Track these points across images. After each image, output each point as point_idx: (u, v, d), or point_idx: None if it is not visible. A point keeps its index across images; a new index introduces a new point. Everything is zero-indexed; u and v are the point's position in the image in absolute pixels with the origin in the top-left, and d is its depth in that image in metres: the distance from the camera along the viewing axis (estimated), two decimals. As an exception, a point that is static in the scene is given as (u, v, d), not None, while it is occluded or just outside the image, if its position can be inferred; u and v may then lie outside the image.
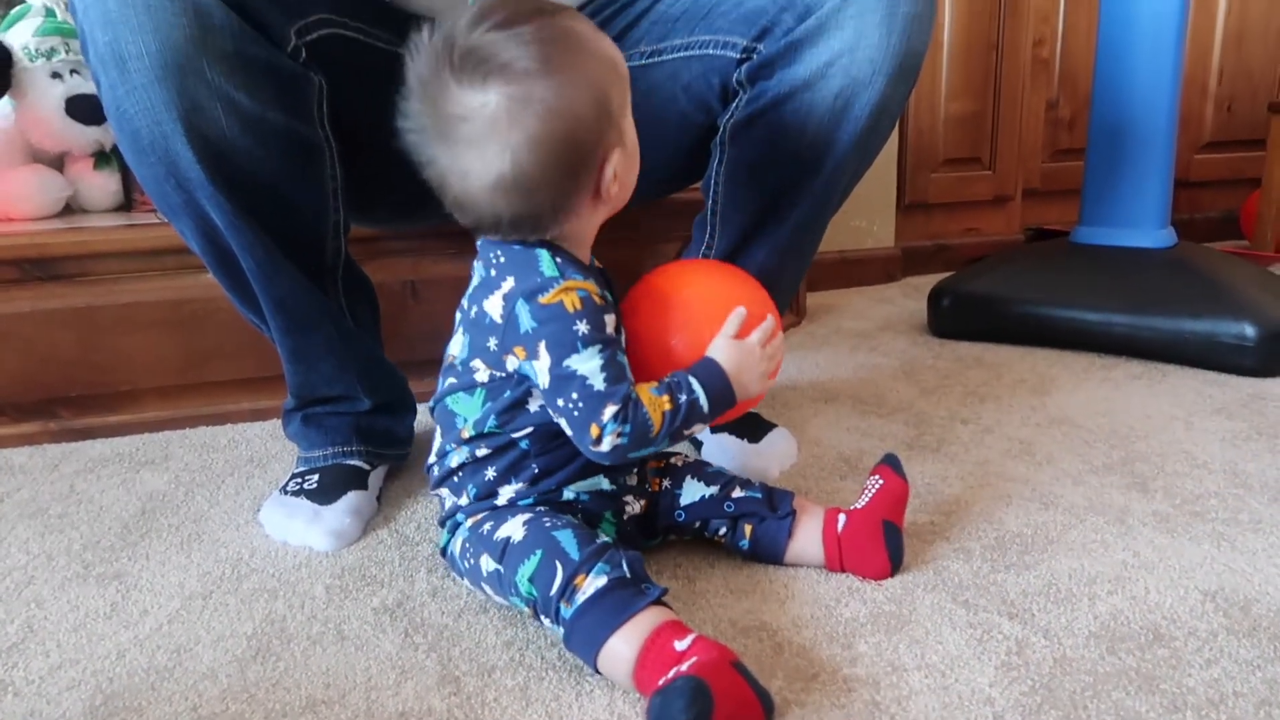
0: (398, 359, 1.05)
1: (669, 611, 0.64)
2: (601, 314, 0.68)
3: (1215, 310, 1.29)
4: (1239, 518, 0.86)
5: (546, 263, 0.68)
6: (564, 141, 0.65)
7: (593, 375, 0.66)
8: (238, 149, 0.78)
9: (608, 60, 0.68)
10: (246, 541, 0.87)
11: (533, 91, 0.64)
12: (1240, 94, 2.27)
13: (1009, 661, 0.66)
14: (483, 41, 0.64)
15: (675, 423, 0.69)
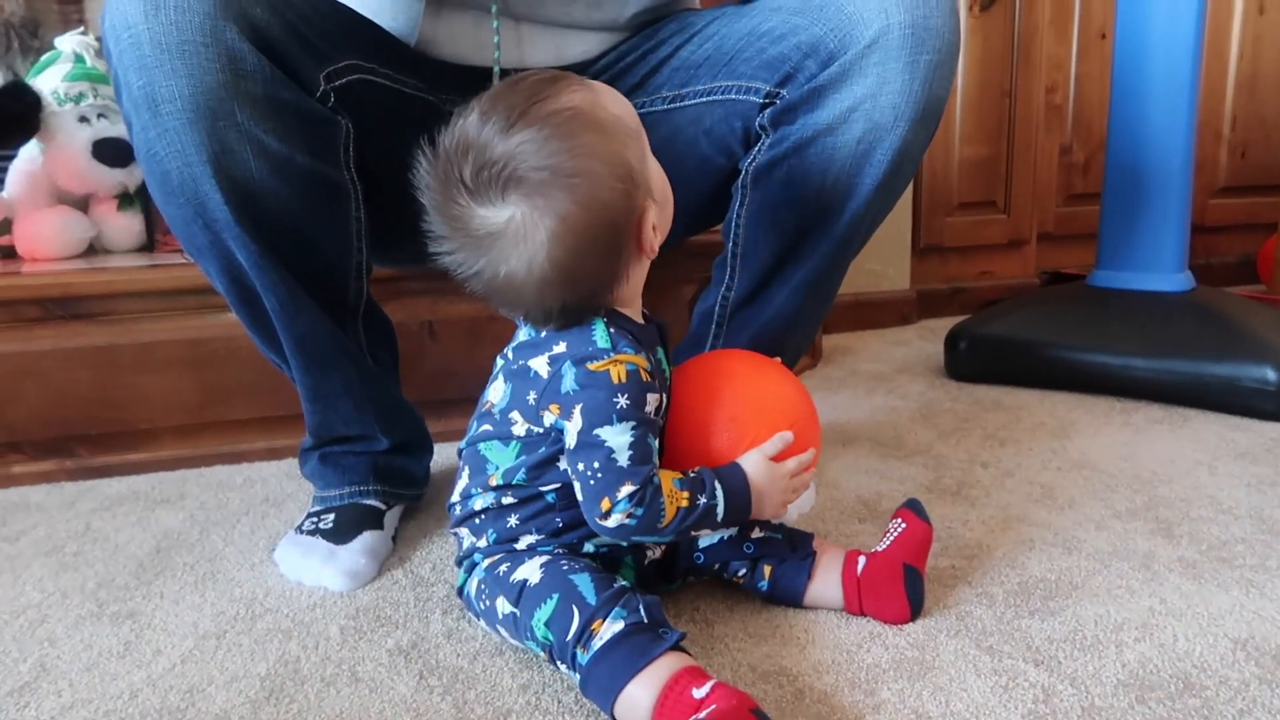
0: (415, 398, 1.05)
1: (687, 657, 0.63)
2: (645, 392, 0.67)
3: (1236, 354, 1.28)
4: (1267, 564, 0.85)
5: (600, 333, 0.68)
6: (598, 228, 0.64)
7: (619, 450, 0.66)
8: (265, 191, 0.79)
9: (617, 125, 0.67)
10: (261, 581, 0.87)
11: (552, 194, 0.63)
12: (1254, 139, 2.27)
13: (1036, 710, 0.65)
14: (490, 156, 0.64)
15: (687, 521, 0.68)
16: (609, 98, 0.69)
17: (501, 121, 0.64)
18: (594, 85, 0.69)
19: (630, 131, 0.68)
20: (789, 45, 0.87)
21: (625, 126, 0.68)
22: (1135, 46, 1.46)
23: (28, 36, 1.54)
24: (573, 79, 0.68)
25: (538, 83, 0.66)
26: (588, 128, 0.65)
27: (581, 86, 0.67)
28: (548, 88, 0.66)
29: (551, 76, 0.67)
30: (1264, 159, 2.27)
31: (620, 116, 0.68)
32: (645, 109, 0.97)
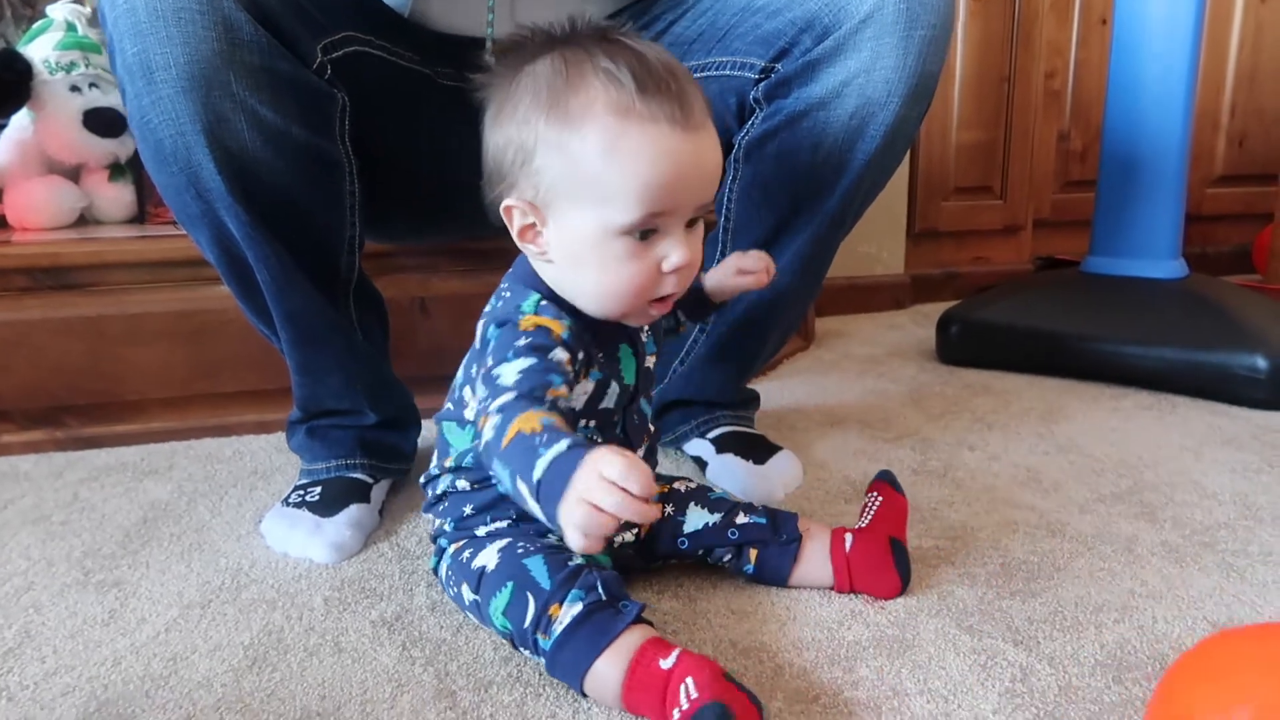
0: (405, 375, 1.05)
1: (649, 628, 0.64)
2: (554, 345, 0.64)
3: (1227, 342, 1.29)
4: (1248, 549, 0.85)
5: (529, 303, 0.68)
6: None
7: (507, 375, 0.62)
8: (259, 162, 0.78)
9: (564, 117, 0.65)
10: (247, 552, 0.87)
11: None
12: (1252, 129, 2.27)
13: (1013, 689, 0.65)
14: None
15: (516, 449, 0.57)
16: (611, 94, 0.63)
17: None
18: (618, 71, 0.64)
19: (553, 126, 0.63)
20: (784, 20, 0.86)
21: (574, 124, 0.63)
22: (1134, 33, 1.45)
23: (20, 4, 1.53)
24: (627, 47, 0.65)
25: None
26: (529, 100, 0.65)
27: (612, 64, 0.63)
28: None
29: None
30: (1262, 149, 2.27)
31: (592, 115, 0.62)
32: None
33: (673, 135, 0.62)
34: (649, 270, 0.65)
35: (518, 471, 0.56)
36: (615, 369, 0.72)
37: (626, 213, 0.62)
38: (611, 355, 0.72)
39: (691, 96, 0.63)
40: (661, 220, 0.64)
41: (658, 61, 0.63)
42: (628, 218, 0.62)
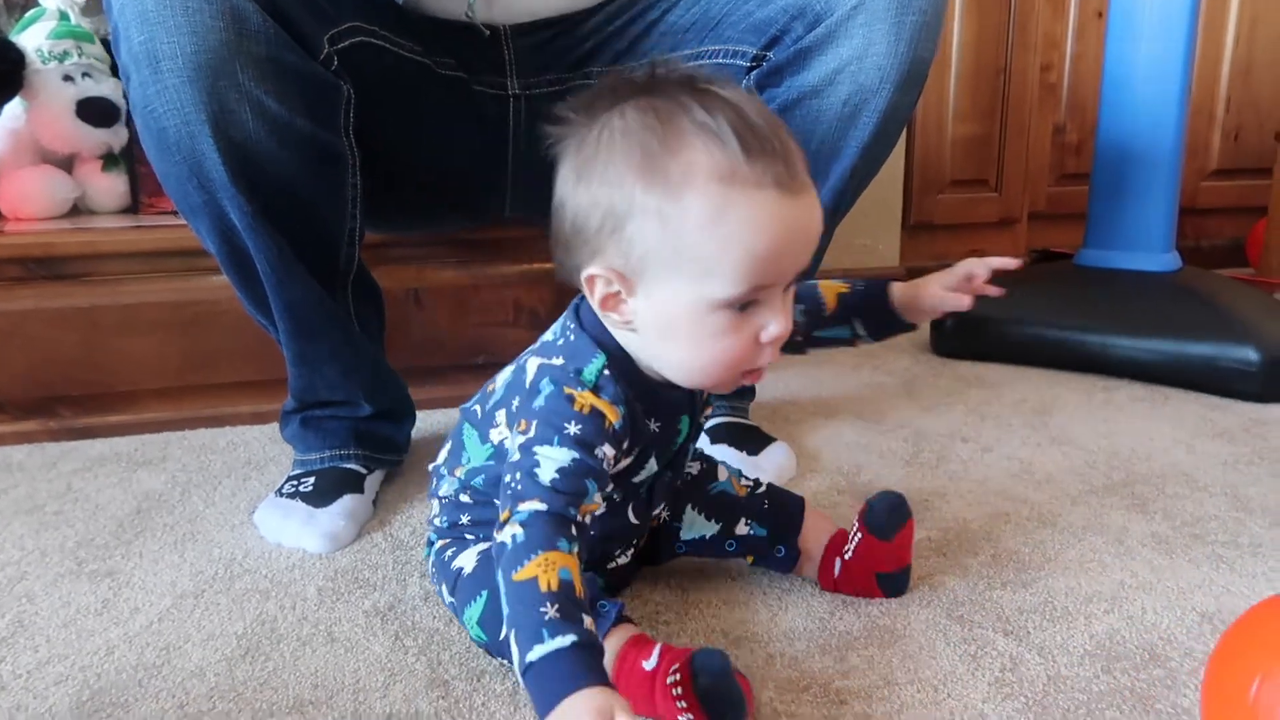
0: (399, 366, 1.05)
1: (631, 626, 0.64)
2: (601, 438, 0.60)
3: (1218, 334, 1.29)
4: (1239, 540, 0.86)
5: (593, 369, 0.62)
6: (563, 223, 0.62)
7: (546, 467, 0.58)
8: (263, 153, 0.78)
9: (666, 181, 0.58)
10: (241, 542, 0.87)
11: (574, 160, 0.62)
12: (1247, 123, 2.27)
13: (1003, 678, 0.65)
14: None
15: (523, 602, 0.54)
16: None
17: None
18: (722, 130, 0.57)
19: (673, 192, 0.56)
20: (776, 8, 0.86)
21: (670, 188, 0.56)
22: (1128, 25, 1.45)
23: (13, -7, 1.52)
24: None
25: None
26: (636, 155, 0.57)
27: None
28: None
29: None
30: (1256, 143, 2.27)
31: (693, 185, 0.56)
32: (634, 73, 0.97)
33: (780, 201, 0.56)
34: (747, 343, 0.60)
35: (515, 627, 0.54)
36: (667, 439, 0.68)
37: (729, 287, 0.57)
38: (670, 425, 0.68)
39: (795, 154, 0.58)
40: (763, 291, 0.59)
41: (758, 116, 0.57)
42: (730, 292, 0.57)
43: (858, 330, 0.77)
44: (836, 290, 0.76)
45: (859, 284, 0.77)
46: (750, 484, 0.79)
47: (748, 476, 0.80)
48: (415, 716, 0.62)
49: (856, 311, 0.76)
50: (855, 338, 0.77)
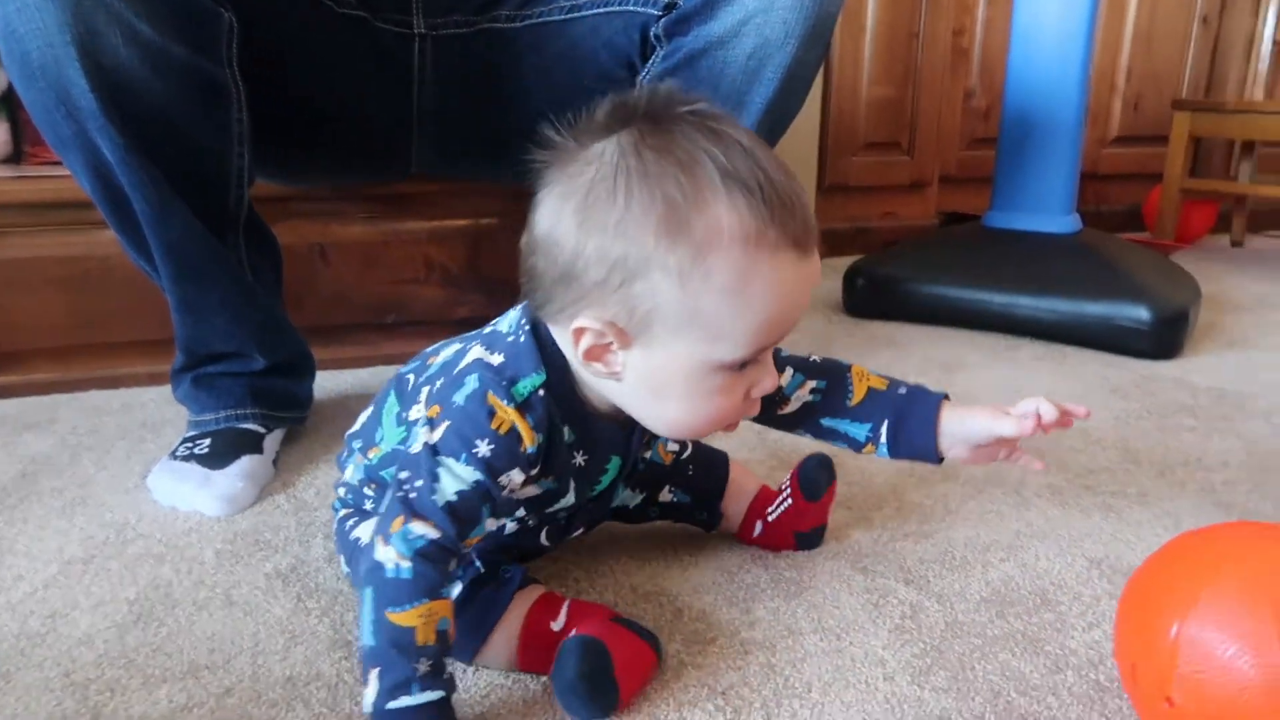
0: (304, 325, 1.02)
1: (536, 587, 0.63)
2: (511, 462, 0.56)
3: (1114, 294, 1.34)
4: (1127, 490, 0.89)
5: (527, 385, 0.57)
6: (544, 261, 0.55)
7: (448, 486, 0.54)
8: (135, 80, 0.74)
9: (690, 230, 0.52)
10: (134, 506, 0.84)
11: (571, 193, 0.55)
12: (1147, 92, 2.35)
13: (902, 625, 0.67)
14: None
15: (387, 637, 0.52)
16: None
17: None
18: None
19: (699, 249, 0.51)
20: None
21: (704, 240, 0.51)
22: (1036, -8, 1.48)
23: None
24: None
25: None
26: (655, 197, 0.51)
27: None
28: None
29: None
30: (1155, 111, 2.35)
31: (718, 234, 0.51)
32: (542, 19, 0.95)
33: (796, 265, 0.53)
34: (738, 400, 0.57)
35: (380, 665, 0.52)
36: (592, 474, 0.64)
37: (738, 350, 0.53)
38: (598, 462, 0.63)
39: (809, 207, 0.53)
40: (765, 351, 0.56)
41: (773, 164, 0.52)
42: (738, 355, 0.54)
43: (878, 438, 0.67)
44: (870, 384, 0.68)
45: (901, 388, 0.68)
46: (676, 449, 0.76)
47: (675, 441, 0.76)
48: (316, 678, 0.61)
49: (886, 416, 0.66)
50: (868, 443, 0.68)
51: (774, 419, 0.69)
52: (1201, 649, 0.49)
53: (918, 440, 0.66)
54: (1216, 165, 2.48)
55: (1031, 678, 0.61)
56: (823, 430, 0.69)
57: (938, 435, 0.65)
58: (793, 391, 0.68)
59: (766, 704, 0.59)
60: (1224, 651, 0.48)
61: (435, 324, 1.27)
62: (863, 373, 0.69)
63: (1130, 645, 0.55)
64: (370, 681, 0.52)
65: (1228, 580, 0.51)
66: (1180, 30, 2.34)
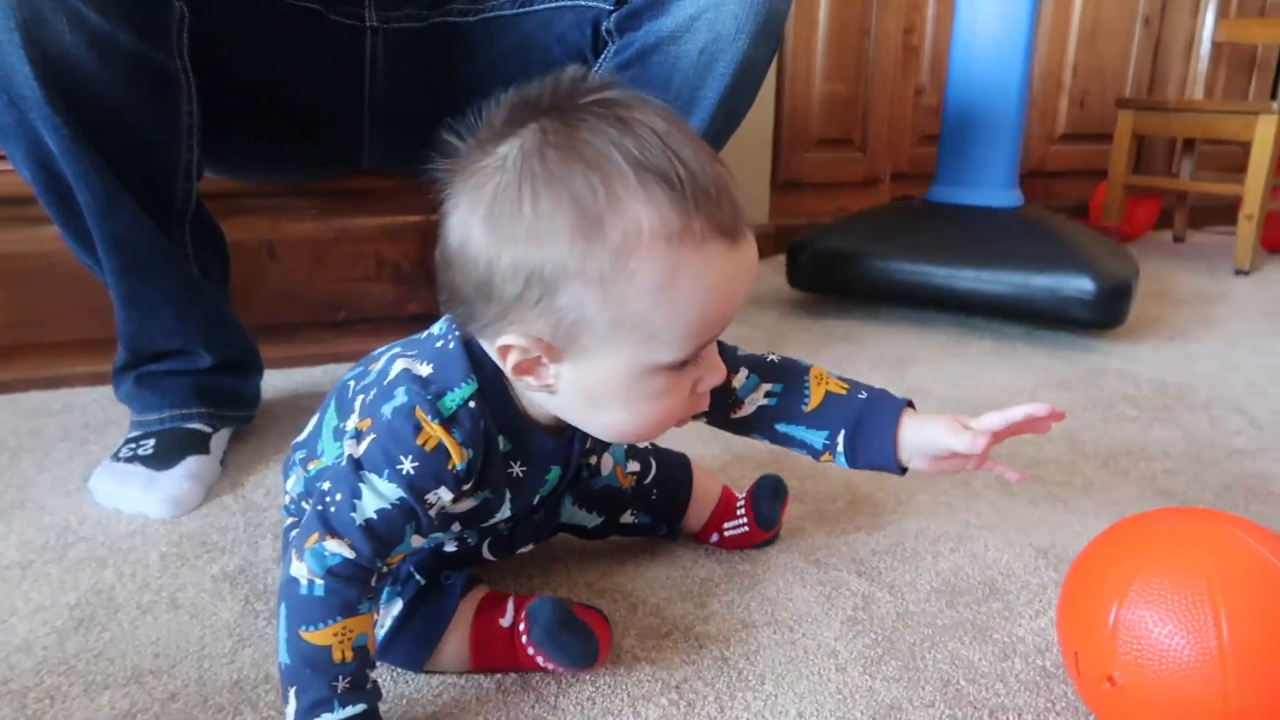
0: (252, 323, 1.00)
1: (480, 589, 0.63)
2: (436, 481, 0.53)
3: (1059, 266, 1.35)
4: (1073, 480, 0.91)
5: (456, 397, 0.53)
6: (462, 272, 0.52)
7: (368, 504, 0.52)
8: (81, 69, 0.72)
9: (610, 231, 0.48)
10: (75, 509, 0.82)
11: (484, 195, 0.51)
12: (1092, 89, 2.39)
13: (855, 616, 0.68)
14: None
15: (300, 647, 0.51)
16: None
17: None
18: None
19: (624, 248, 0.47)
20: None
21: (626, 241, 0.47)
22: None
23: None
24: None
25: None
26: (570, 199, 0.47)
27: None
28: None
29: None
30: (1100, 109, 2.40)
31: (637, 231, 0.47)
32: (494, 13, 0.94)
33: (727, 255, 0.49)
34: (683, 399, 0.54)
35: (297, 683, 0.51)
36: (530, 486, 0.60)
37: (674, 351, 0.50)
38: (536, 473, 0.60)
39: (735, 191, 0.50)
40: (705, 348, 0.53)
41: (691, 147, 0.48)
42: (675, 356, 0.51)
43: (835, 446, 0.64)
44: (828, 388, 0.65)
45: (861, 392, 0.64)
46: (636, 472, 0.73)
47: (634, 460, 0.73)
48: (265, 680, 0.60)
49: (844, 424, 0.63)
50: (825, 451, 0.64)
51: (728, 423, 0.66)
52: (1139, 631, 0.51)
53: (877, 451, 0.62)
54: (1159, 162, 2.54)
55: (980, 665, 0.62)
56: (778, 436, 0.65)
57: (897, 446, 0.62)
58: (747, 395, 0.65)
59: (720, 697, 0.59)
60: (1161, 633, 0.50)
61: (387, 321, 1.25)
62: (822, 375, 0.65)
63: (1072, 633, 0.56)
64: (289, 700, 0.52)
65: (1162, 563, 0.52)
66: (1124, 30, 2.39)
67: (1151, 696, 0.50)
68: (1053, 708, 0.59)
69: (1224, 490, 0.90)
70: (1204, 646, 0.49)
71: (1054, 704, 0.59)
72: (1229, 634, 0.48)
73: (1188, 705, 0.49)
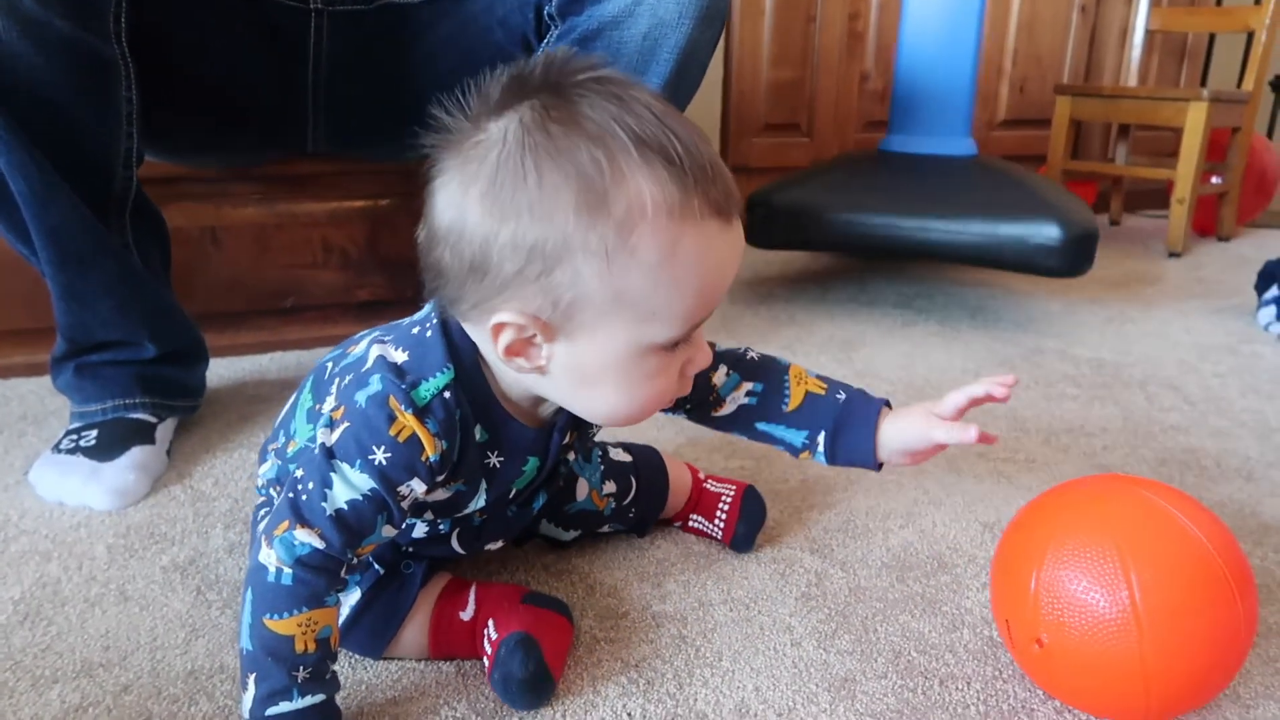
0: (196, 311, 0.98)
1: (442, 577, 0.63)
2: (409, 473, 0.52)
3: (1025, 214, 1.35)
4: (1016, 457, 0.94)
5: (430, 387, 0.53)
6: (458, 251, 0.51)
7: (339, 495, 0.51)
8: (15, 56, 0.70)
9: (612, 199, 0.48)
10: (15, 503, 0.80)
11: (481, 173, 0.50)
12: (1031, 75, 2.44)
13: (808, 592, 0.69)
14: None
15: (263, 636, 0.51)
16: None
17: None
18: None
19: (631, 221, 0.47)
20: None
21: (629, 209, 0.47)
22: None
23: None
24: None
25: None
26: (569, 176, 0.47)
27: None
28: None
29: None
30: (1039, 95, 2.45)
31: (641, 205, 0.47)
32: (436, -1, 0.93)
33: (722, 233, 0.49)
34: (672, 381, 0.54)
35: (257, 671, 0.51)
36: (507, 476, 0.59)
37: (671, 329, 0.50)
38: (514, 463, 0.59)
39: (727, 172, 0.50)
40: (697, 328, 0.53)
41: (688, 133, 0.48)
42: (672, 334, 0.50)
43: (815, 446, 0.65)
44: (808, 388, 0.66)
45: (840, 391, 0.65)
46: (613, 493, 0.72)
47: (612, 481, 0.73)
48: (220, 670, 0.59)
49: (825, 425, 0.64)
50: (805, 450, 0.65)
51: (709, 420, 0.67)
52: (1059, 591, 0.53)
53: (856, 450, 0.64)
54: (1096, 148, 2.60)
55: (930, 637, 0.64)
56: (758, 434, 0.66)
57: (876, 445, 0.63)
58: (728, 393, 0.65)
59: (679, 674, 0.60)
60: (1077, 589, 0.52)
61: (336, 307, 1.24)
62: (801, 374, 0.66)
63: (1002, 602, 0.58)
64: (248, 686, 0.51)
65: (1074, 527, 0.55)
66: (1061, 17, 2.43)
67: (1075, 653, 0.53)
68: (1000, 675, 0.61)
69: (1160, 464, 0.93)
70: (1118, 601, 0.51)
71: (1001, 671, 0.61)
72: (1139, 589, 0.51)
73: (1108, 658, 0.52)
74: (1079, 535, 0.54)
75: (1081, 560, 0.53)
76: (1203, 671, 0.52)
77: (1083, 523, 0.55)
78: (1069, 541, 0.54)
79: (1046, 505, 0.59)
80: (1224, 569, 0.52)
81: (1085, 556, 0.53)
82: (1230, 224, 2.27)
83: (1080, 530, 0.54)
